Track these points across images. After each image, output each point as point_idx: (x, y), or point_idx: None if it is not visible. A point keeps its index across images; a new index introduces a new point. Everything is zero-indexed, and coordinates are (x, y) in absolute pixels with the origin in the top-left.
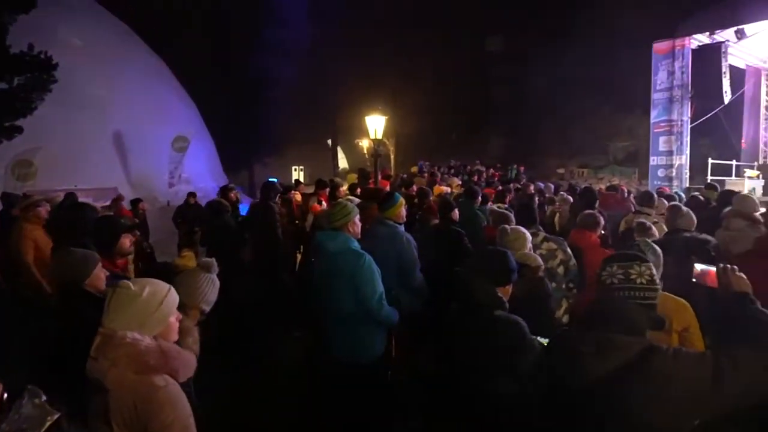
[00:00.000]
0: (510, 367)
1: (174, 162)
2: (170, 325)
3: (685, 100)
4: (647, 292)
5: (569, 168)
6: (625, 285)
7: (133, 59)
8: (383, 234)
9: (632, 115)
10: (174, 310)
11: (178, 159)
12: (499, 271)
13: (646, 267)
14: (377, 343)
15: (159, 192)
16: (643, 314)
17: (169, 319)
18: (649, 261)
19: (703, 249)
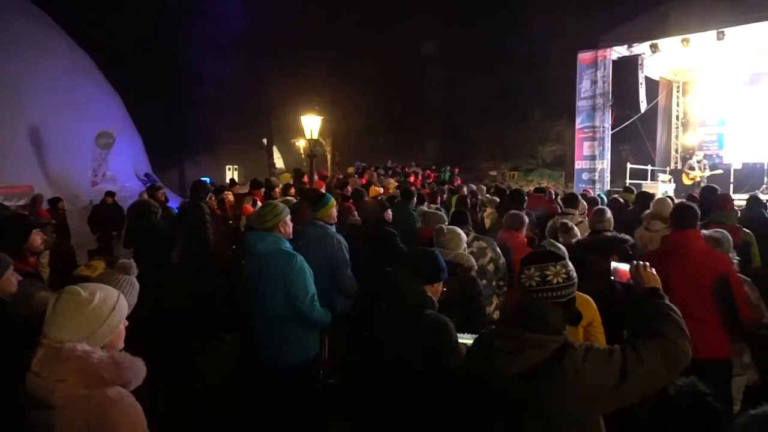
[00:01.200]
0: (436, 367)
1: (98, 159)
2: (120, 333)
3: (606, 108)
4: (564, 290)
5: (501, 170)
6: (543, 287)
7: (51, 49)
8: (314, 234)
9: (560, 121)
10: (125, 316)
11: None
12: (428, 269)
13: (561, 266)
14: (309, 345)
15: (81, 191)
16: (560, 312)
17: (120, 327)
18: (564, 258)
19: (622, 248)
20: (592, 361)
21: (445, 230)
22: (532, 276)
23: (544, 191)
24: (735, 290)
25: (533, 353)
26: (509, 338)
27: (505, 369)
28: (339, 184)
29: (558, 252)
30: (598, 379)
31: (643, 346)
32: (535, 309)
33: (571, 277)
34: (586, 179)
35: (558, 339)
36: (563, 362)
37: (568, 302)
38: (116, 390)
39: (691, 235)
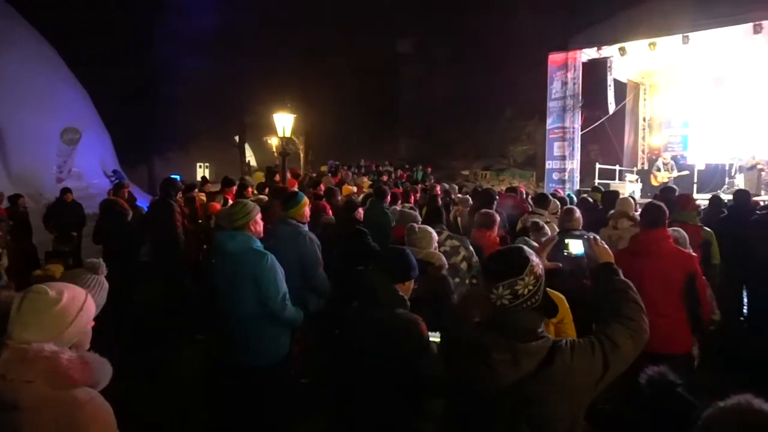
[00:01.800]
0: (408, 366)
1: (63, 155)
2: (87, 333)
3: (576, 109)
4: (536, 294)
5: (473, 170)
6: (516, 302)
7: (14, 41)
8: (286, 233)
9: (531, 121)
10: (93, 316)
11: (67, 152)
12: (398, 268)
13: (528, 272)
14: (281, 344)
15: (45, 188)
16: (539, 314)
17: (88, 327)
18: (529, 261)
19: None
20: (579, 358)
21: (416, 229)
22: (503, 295)
23: (515, 191)
24: (700, 288)
25: (529, 361)
26: (504, 349)
27: (503, 378)
28: (312, 183)
29: (521, 255)
30: (587, 375)
31: (614, 332)
32: (514, 321)
33: (538, 279)
34: (557, 179)
35: (547, 342)
36: (555, 363)
37: (542, 300)
38: (85, 391)
39: (661, 234)
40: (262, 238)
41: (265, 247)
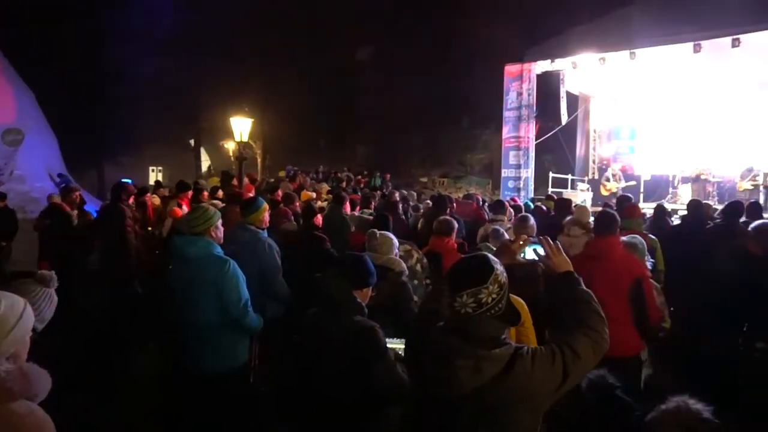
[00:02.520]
0: (365, 373)
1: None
2: (26, 343)
3: (531, 119)
4: (500, 302)
5: (431, 177)
6: (480, 310)
7: None
8: (245, 239)
9: (488, 129)
10: (31, 326)
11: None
12: (357, 274)
13: (492, 281)
14: (240, 352)
15: None
16: (503, 322)
17: (26, 338)
18: (493, 270)
19: None
20: (539, 366)
21: (377, 235)
22: (467, 303)
23: (472, 198)
24: (647, 293)
25: (490, 368)
26: (467, 356)
27: (466, 384)
28: (269, 188)
29: (486, 263)
30: (546, 383)
31: (576, 342)
32: (477, 329)
33: (502, 287)
34: (512, 187)
35: (509, 349)
36: (515, 370)
37: (505, 308)
38: (24, 404)
39: (613, 241)
40: (221, 244)
41: (225, 253)
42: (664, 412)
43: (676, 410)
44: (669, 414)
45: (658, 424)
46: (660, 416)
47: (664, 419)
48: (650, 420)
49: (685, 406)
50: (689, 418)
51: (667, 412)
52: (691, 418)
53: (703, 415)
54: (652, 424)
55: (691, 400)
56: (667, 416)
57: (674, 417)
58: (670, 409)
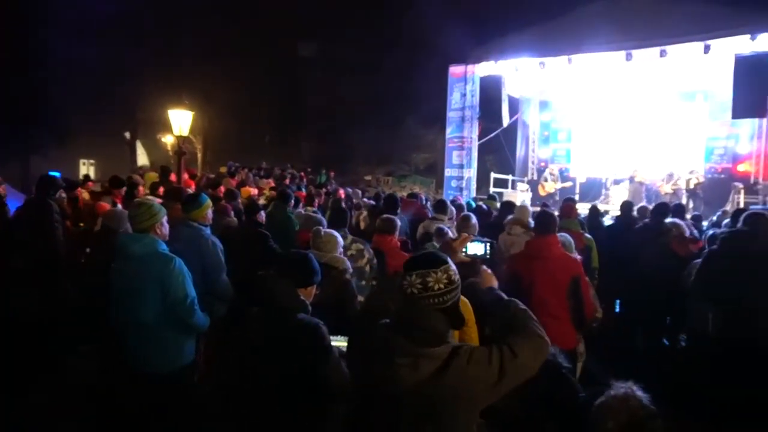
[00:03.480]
0: (309, 371)
1: None
2: None
3: (473, 120)
4: (446, 295)
5: (376, 175)
6: (424, 294)
7: None
8: (187, 236)
9: (432, 129)
10: None
11: None
12: (300, 273)
13: (442, 271)
14: (185, 351)
15: None
16: (445, 319)
17: None
18: (446, 262)
19: None
20: (475, 365)
21: (322, 233)
22: (414, 283)
23: (416, 197)
24: (584, 290)
25: (428, 365)
26: (406, 353)
27: (404, 381)
28: (211, 184)
29: (441, 256)
30: (481, 381)
31: (516, 343)
32: (420, 318)
33: (452, 282)
34: (455, 186)
35: (448, 347)
36: (451, 367)
37: (451, 307)
38: None
39: (552, 240)
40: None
41: (170, 250)
42: (612, 397)
43: (624, 397)
44: (617, 400)
45: (607, 409)
46: (609, 401)
47: (612, 404)
48: (600, 404)
49: (631, 393)
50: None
51: (616, 398)
52: (636, 404)
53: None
54: (602, 409)
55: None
56: (615, 402)
57: (621, 402)
58: (618, 395)
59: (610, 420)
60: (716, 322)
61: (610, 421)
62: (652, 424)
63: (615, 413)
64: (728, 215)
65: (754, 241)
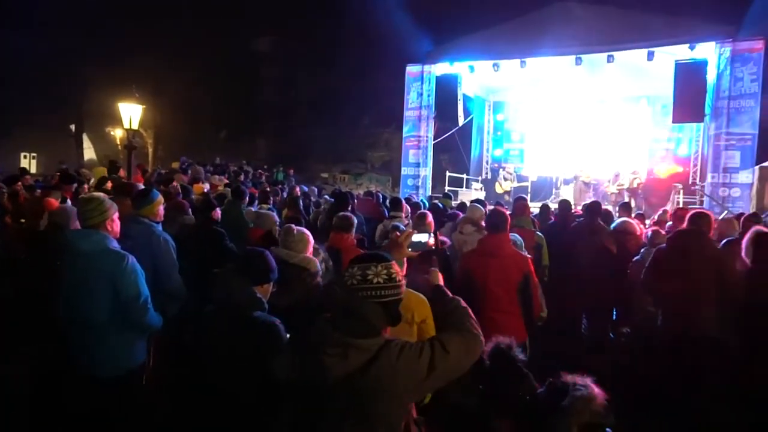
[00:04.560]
0: (266, 369)
1: None
2: None
3: (430, 120)
4: (384, 290)
5: (332, 173)
6: (363, 285)
7: None
8: (138, 233)
9: (389, 128)
10: None
11: None
12: (257, 270)
13: (383, 266)
14: (135, 352)
15: None
16: (380, 312)
17: None
18: (389, 260)
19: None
20: (404, 359)
21: (294, 231)
22: (354, 275)
23: (372, 195)
24: (533, 287)
25: (357, 356)
26: (336, 344)
27: (333, 372)
28: (161, 180)
29: (386, 255)
30: (410, 375)
31: (449, 339)
32: (355, 308)
33: (392, 278)
34: (411, 185)
35: (378, 341)
36: (380, 361)
37: (389, 303)
38: None
39: (503, 238)
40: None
41: (122, 248)
42: (577, 399)
43: (589, 398)
44: (581, 401)
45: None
46: (573, 403)
47: (577, 407)
48: (564, 407)
49: (593, 395)
50: (595, 407)
51: (580, 399)
52: (597, 406)
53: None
54: (566, 411)
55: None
56: (579, 404)
57: (585, 405)
58: (583, 396)
59: (575, 425)
60: (663, 317)
61: (574, 426)
62: (607, 421)
63: (579, 416)
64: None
65: (698, 240)
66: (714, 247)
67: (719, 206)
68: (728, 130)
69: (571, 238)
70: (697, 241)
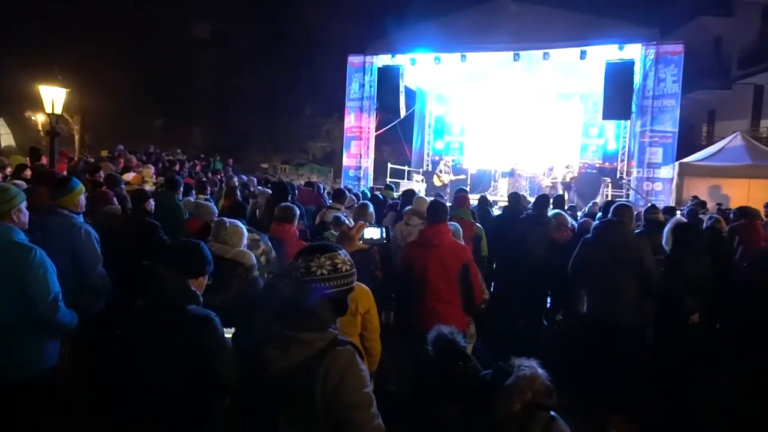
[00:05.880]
0: (201, 366)
1: None
2: None
3: (372, 111)
4: (329, 281)
5: (272, 163)
6: (306, 278)
7: None
8: (55, 225)
9: (330, 118)
10: None
11: None
12: (191, 263)
13: (327, 257)
14: (47, 354)
15: None
16: (325, 304)
17: None
18: (335, 251)
19: None
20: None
21: (227, 224)
22: (299, 267)
23: (313, 185)
24: (473, 275)
25: (299, 351)
26: (277, 338)
27: (272, 366)
28: (89, 169)
29: (332, 246)
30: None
31: None
32: (299, 300)
33: (337, 269)
34: (353, 176)
35: (325, 336)
36: (324, 362)
37: (333, 294)
38: None
39: (443, 229)
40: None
41: (30, 240)
42: (521, 378)
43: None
44: (525, 380)
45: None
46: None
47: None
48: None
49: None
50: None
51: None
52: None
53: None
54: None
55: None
56: (522, 382)
57: (528, 384)
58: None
59: (518, 404)
60: (589, 304)
61: (517, 404)
62: (550, 401)
63: (521, 394)
64: (598, 206)
65: (621, 230)
66: (635, 236)
67: (644, 199)
68: (652, 128)
69: (521, 228)
70: (618, 232)
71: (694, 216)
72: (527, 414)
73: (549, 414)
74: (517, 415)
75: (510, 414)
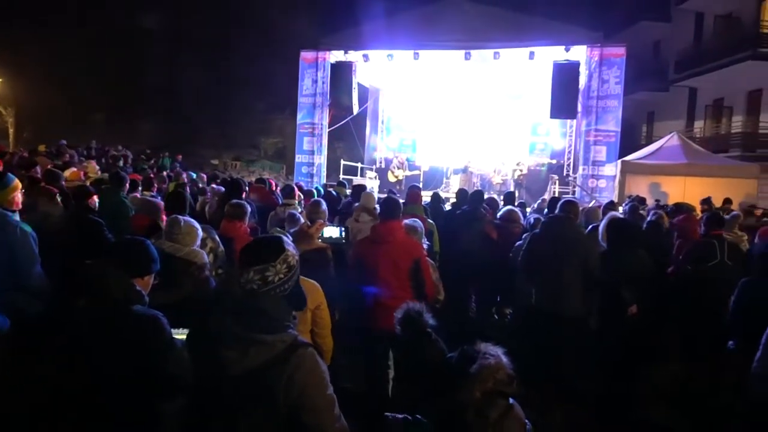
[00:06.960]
0: (147, 368)
1: None
2: None
3: (324, 107)
4: (287, 283)
5: (223, 160)
6: (265, 288)
7: None
8: None
9: (282, 114)
10: None
11: None
12: (136, 261)
13: (281, 261)
14: None
15: None
16: (285, 305)
17: None
18: (284, 249)
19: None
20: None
21: (181, 222)
22: (253, 280)
23: (264, 182)
24: (425, 272)
25: (259, 353)
26: (236, 339)
27: (230, 368)
28: (23, 164)
29: (278, 244)
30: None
31: None
32: (260, 305)
33: (291, 267)
34: (305, 173)
35: (286, 338)
36: (286, 368)
37: (292, 290)
38: None
39: (395, 225)
40: None
41: None
42: (484, 367)
43: (496, 367)
44: (488, 369)
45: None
46: (480, 371)
47: (483, 374)
48: (471, 374)
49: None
50: (501, 376)
51: (488, 368)
52: (502, 375)
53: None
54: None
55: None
56: (485, 371)
57: (491, 373)
58: (490, 365)
59: (478, 391)
60: (537, 297)
61: (478, 392)
62: (510, 389)
63: (483, 383)
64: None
65: (568, 226)
66: (580, 232)
67: (588, 196)
68: (596, 127)
69: (456, 224)
70: (565, 227)
71: (635, 212)
72: (486, 401)
73: (507, 402)
74: (477, 401)
75: (470, 400)
